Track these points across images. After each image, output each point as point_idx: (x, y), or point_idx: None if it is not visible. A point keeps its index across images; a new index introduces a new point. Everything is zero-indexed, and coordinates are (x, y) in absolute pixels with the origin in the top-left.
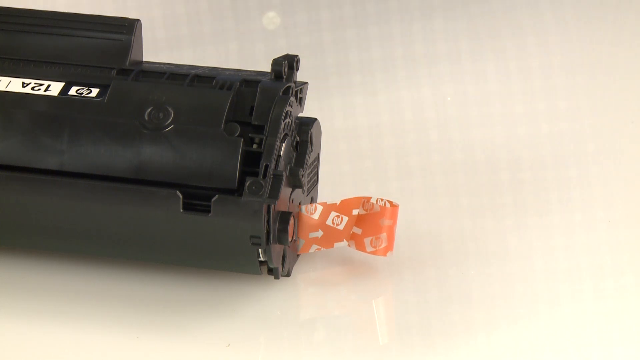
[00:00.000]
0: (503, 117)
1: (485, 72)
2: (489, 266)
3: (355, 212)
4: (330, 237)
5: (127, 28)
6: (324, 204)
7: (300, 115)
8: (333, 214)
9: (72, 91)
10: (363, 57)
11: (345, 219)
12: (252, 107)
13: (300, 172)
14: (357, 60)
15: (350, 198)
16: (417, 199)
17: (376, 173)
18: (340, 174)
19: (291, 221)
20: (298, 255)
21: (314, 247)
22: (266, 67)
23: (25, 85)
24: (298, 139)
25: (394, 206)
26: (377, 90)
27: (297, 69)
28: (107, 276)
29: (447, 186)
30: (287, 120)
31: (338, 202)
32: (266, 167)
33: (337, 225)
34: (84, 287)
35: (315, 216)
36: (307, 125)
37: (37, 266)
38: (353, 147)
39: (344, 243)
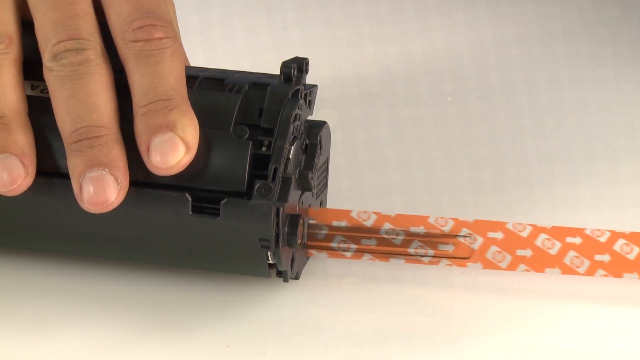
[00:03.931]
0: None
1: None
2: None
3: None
4: (540, 260)
5: None
6: (534, 226)
7: (309, 118)
8: (543, 235)
9: None
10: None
11: (559, 244)
12: (261, 110)
13: (310, 175)
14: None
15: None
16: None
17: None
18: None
19: (300, 224)
20: (307, 258)
21: (522, 267)
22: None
23: (34, 87)
24: (307, 141)
25: None
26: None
27: (307, 72)
28: (115, 278)
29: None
30: (296, 123)
31: (549, 226)
32: (275, 169)
33: (549, 249)
34: (88, 288)
35: (524, 234)
36: (316, 128)
37: (39, 267)
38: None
39: (557, 270)
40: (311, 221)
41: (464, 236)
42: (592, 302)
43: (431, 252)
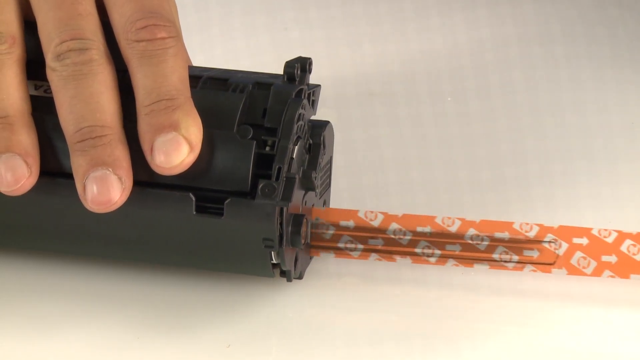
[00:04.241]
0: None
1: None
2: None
3: None
4: (626, 266)
5: None
6: (619, 232)
7: (312, 117)
8: (628, 241)
9: None
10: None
11: None
12: (264, 110)
13: (313, 175)
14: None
15: None
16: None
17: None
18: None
19: (304, 224)
20: (311, 257)
21: (607, 273)
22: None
23: (37, 87)
24: (311, 141)
25: None
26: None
27: (310, 72)
28: (115, 278)
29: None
30: (300, 122)
31: (634, 232)
32: (279, 169)
33: (634, 255)
34: (89, 288)
35: (610, 240)
36: (319, 128)
37: (39, 267)
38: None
39: None
40: (396, 226)
41: (549, 242)
42: (592, 303)
43: (516, 257)
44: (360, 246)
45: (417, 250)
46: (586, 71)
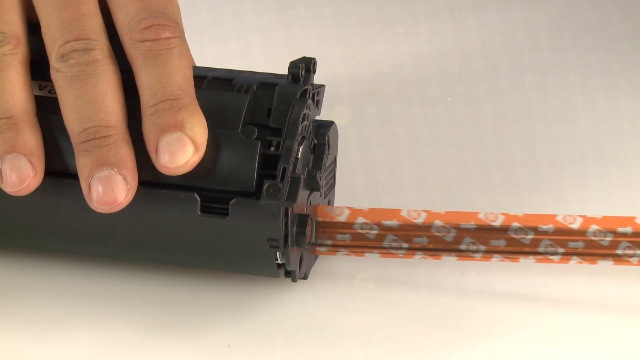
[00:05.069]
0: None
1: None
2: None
3: None
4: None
5: None
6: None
7: (317, 118)
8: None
9: None
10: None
11: None
12: (269, 110)
13: (318, 175)
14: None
15: None
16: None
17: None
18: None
19: (309, 224)
20: (315, 257)
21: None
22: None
23: (42, 87)
24: (315, 141)
25: None
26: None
27: (314, 72)
28: (118, 278)
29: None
30: (305, 123)
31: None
32: (284, 169)
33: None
34: (90, 288)
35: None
36: (324, 128)
37: (39, 267)
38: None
39: None
40: (439, 224)
41: (594, 232)
42: (602, 307)
43: (561, 250)
44: (405, 245)
45: (462, 246)
46: (597, 76)
